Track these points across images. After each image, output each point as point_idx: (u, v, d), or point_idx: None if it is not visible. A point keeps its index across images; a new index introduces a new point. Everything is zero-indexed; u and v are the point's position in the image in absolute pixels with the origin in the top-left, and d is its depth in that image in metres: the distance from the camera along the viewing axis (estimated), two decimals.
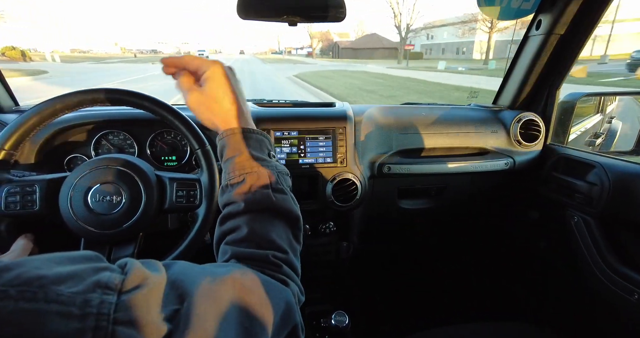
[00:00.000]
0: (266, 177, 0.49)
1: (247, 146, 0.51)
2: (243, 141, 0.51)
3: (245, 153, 0.50)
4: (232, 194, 0.48)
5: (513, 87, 1.20)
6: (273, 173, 0.50)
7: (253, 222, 0.46)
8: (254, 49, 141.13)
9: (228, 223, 0.47)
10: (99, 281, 0.25)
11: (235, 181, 0.49)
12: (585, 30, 1.00)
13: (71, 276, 0.24)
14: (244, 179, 0.48)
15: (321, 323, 1.12)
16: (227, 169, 0.51)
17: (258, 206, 0.47)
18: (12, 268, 0.23)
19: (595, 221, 0.99)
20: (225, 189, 0.50)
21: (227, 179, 0.50)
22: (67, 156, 0.92)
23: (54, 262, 0.25)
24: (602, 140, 1.70)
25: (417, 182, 1.15)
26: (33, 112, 0.65)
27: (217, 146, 0.54)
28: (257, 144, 0.52)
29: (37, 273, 0.23)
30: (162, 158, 0.98)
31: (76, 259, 0.27)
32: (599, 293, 0.98)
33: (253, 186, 0.48)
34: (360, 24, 58.67)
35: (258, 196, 0.47)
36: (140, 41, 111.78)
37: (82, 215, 0.65)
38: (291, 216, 0.49)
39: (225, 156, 0.52)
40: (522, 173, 1.16)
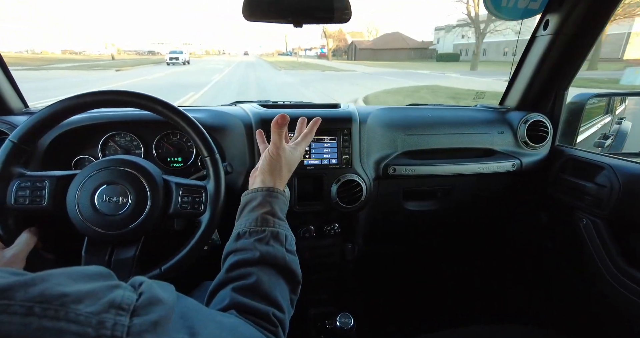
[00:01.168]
0: (283, 236, 0.53)
1: (275, 204, 0.56)
2: (273, 199, 0.56)
3: (273, 211, 0.55)
4: (250, 241, 0.51)
5: (520, 88, 1.19)
6: (288, 235, 0.54)
7: (262, 274, 0.48)
8: (258, 50, 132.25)
9: (238, 271, 0.49)
10: (113, 301, 0.26)
11: (255, 230, 0.52)
12: (594, 30, 0.99)
13: (89, 295, 0.25)
14: (265, 231, 0.52)
15: (326, 325, 1.12)
16: (250, 218, 0.54)
17: (272, 260, 0.49)
18: (37, 283, 0.24)
19: (605, 224, 0.97)
20: (242, 235, 0.52)
21: (248, 227, 0.52)
22: (75, 156, 0.93)
23: (73, 279, 0.27)
24: (611, 141, 1.67)
25: (422, 183, 1.15)
26: (48, 111, 0.66)
27: (244, 197, 0.59)
28: (283, 206, 0.58)
29: (60, 290, 0.25)
30: (168, 159, 0.98)
31: (92, 276, 0.28)
32: (607, 296, 0.96)
33: (271, 242, 0.51)
34: (371, 23, 52.53)
35: (273, 251, 0.50)
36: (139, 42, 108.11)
37: (87, 214, 0.65)
38: (295, 279, 0.52)
39: (251, 207, 0.56)
40: (529, 174, 1.15)
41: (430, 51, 48.52)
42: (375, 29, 56.88)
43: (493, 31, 24.51)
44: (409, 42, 50.20)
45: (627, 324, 0.94)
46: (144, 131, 0.96)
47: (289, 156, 0.63)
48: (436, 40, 49.72)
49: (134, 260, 0.67)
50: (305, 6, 0.79)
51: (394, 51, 48.95)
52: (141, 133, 0.96)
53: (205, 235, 0.71)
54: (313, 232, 1.09)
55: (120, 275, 0.67)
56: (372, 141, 1.04)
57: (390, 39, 50.23)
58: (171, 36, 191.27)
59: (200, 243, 0.71)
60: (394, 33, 52.03)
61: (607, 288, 0.95)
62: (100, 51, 62.86)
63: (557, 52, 1.05)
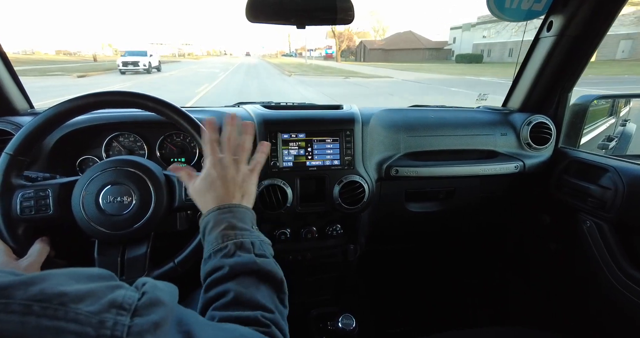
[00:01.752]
0: (249, 244, 0.52)
1: (231, 218, 0.55)
2: (227, 215, 0.55)
3: (229, 225, 0.54)
4: (217, 260, 0.50)
5: (523, 90, 1.18)
6: (255, 241, 0.53)
7: (239, 286, 0.47)
8: (261, 50, 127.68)
9: (214, 290, 0.48)
10: (114, 301, 0.26)
11: (219, 248, 0.51)
12: (598, 31, 0.98)
13: (89, 295, 0.25)
14: (227, 245, 0.51)
15: (328, 326, 1.11)
16: (210, 240, 0.53)
17: (243, 269, 0.49)
18: (36, 282, 0.24)
19: (609, 226, 0.96)
20: (208, 259, 0.52)
21: (211, 249, 0.52)
22: (79, 157, 0.93)
23: (74, 279, 0.27)
24: (615, 143, 1.66)
25: (425, 185, 1.14)
26: (42, 118, 0.66)
27: (200, 225, 0.57)
28: (241, 216, 0.56)
29: (59, 289, 0.24)
30: (171, 159, 0.99)
31: (93, 277, 0.28)
32: (610, 299, 0.96)
33: (237, 252, 0.50)
34: (378, 22, 45.65)
35: (242, 260, 0.49)
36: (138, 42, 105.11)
37: (94, 216, 0.66)
38: (276, 279, 0.51)
39: (208, 231, 0.55)
40: (532, 176, 1.14)
41: (446, 52, 44.21)
42: (383, 28, 49.41)
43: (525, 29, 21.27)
44: (423, 42, 44.80)
45: (631, 327, 0.93)
46: (147, 132, 0.97)
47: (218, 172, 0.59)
48: (452, 39, 44.01)
49: (146, 256, 0.68)
50: (309, 8, 0.80)
51: (407, 52, 43.71)
52: (145, 133, 0.97)
53: None
54: (315, 233, 1.09)
55: (135, 272, 0.68)
56: (374, 142, 1.04)
57: (402, 39, 44.71)
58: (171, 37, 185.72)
59: None
60: (407, 32, 46.24)
61: (611, 291, 0.94)
62: (95, 52, 58.63)
63: (560, 53, 1.05)
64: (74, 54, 75.52)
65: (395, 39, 45.60)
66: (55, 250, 0.69)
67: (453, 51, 42.38)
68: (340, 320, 1.08)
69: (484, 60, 36.34)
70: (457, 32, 42.21)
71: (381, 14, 59.19)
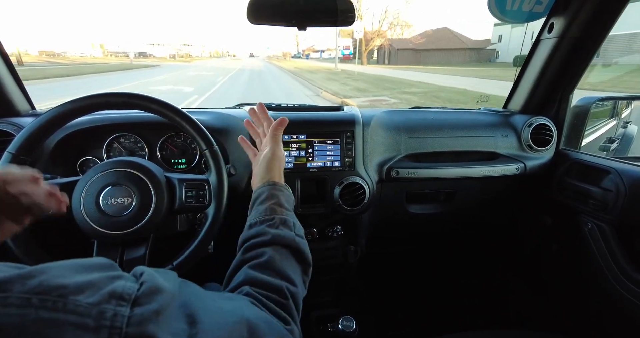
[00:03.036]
0: (291, 223, 0.58)
1: (281, 196, 0.62)
2: (279, 192, 0.62)
3: (278, 202, 0.60)
4: (262, 227, 0.55)
5: (524, 91, 1.18)
6: (296, 222, 0.59)
7: (275, 253, 0.51)
8: (266, 51, 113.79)
9: (253, 252, 0.52)
10: (114, 291, 0.26)
11: (266, 218, 0.57)
12: (599, 33, 0.98)
13: (89, 286, 0.25)
14: (274, 218, 0.56)
15: (328, 327, 1.11)
16: (259, 210, 0.59)
17: (283, 241, 0.53)
18: (35, 275, 0.24)
19: (610, 228, 0.96)
20: (253, 225, 0.57)
21: (259, 217, 0.57)
22: (79, 158, 0.93)
23: (73, 270, 0.26)
24: (617, 145, 1.66)
25: (426, 186, 1.14)
26: (44, 118, 0.67)
27: (254, 193, 0.64)
28: (287, 197, 0.63)
29: (58, 281, 0.24)
30: (172, 160, 0.99)
31: (92, 267, 0.28)
32: (612, 301, 0.95)
33: (281, 226, 0.56)
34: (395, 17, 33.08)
35: (284, 234, 0.54)
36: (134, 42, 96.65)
37: (94, 217, 0.66)
38: (306, 260, 0.56)
39: (261, 201, 0.61)
40: (533, 178, 1.14)
41: (488, 53, 35.08)
42: (404, 24, 35.28)
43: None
44: (463, 41, 35.18)
45: (633, 329, 0.92)
46: (148, 133, 0.97)
47: (281, 155, 0.70)
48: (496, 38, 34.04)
49: (144, 258, 0.68)
50: (309, 9, 0.80)
51: (442, 52, 34.65)
52: (145, 134, 0.97)
53: (212, 226, 0.72)
54: (316, 234, 1.09)
55: None
56: (375, 143, 1.04)
57: (437, 37, 34.78)
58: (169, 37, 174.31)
59: (209, 236, 0.72)
60: (442, 29, 36.29)
61: (612, 293, 0.94)
62: (84, 52, 51.53)
63: (562, 55, 1.05)
64: (59, 55, 67.19)
65: (429, 38, 35.34)
66: (54, 250, 0.69)
67: (498, 51, 34.30)
68: (341, 322, 1.08)
69: None
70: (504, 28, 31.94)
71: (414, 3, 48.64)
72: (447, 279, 1.55)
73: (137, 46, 61.79)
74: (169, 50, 72.03)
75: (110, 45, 76.25)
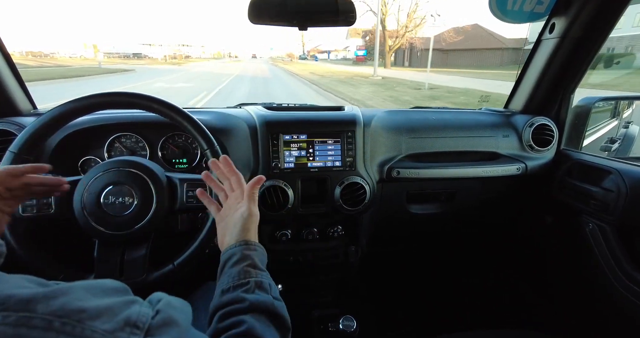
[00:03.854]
0: (267, 285, 0.54)
1: (254, 256, 0.58)
2: (252, 252, 0.58)
3: (252, 263, 0.57)
4: (237, 293, 0.52)
5: (525, 92, 1.18)
6: (272, 284, 0.56)
7: (254, 321, 0.48)
8: (269, 52, 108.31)
9: (229, 320, 0.49)
10: (129, 319, 0.27)
11: (240, 283, 0.53)
12: (601, 33, 0.98)
13: (105, 311, 0.26)
14: (250, 282, 0.53)
15: (329, 327, 1.11)
16: (232, 273, 0.55)
17: (261, 307, 0.50)
18: (58, 296, 0.26)
19: (612, 228, 0.96)
20: (226, 291, 0.53)
21: (232, 282, 0.54)
22: (81, 158, 0.94)
23: (91, 293, 0.28)
24: (618, 145, 1.66)
25: (426, 186, 1.14)
26: (47, 117, 0.67)
27: (223, 256, 0.59)
28: (261, 256, 0.60)
29: (78, 305, 0.26)
30: (173, 160, 0.99)
31: (108, 291, 0.29)
32: (613, 302, 0.95)
33: (257, 290, 0.53)
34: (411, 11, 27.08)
35: (262, 299, 0.51)
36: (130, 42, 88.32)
37: (95, 216, 0.66)
38: (285, 325, 0.52)
39: (232, 263, 0.57)
40: (534, 178, 1.14)
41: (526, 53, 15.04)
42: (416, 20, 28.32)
43: None
44: (499, 39, 28.83)
45: (634, 330, 0.92)
46: (149, 133, 0.97)
47: (257, 213, 0.65)
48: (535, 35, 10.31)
49: (145, 258, 0.68)
50: (310, 9, 0.80)
51: (477, 53, 28.78)
52: (147, 134, 0.97)
53: (214, 226, 0.72)
54: (316, 234, 1.09)
55: (134, 273, 0.68)
56: (376, 143, 1.04)
57: (470, 36, 28.46)
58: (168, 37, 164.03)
59: (210, 236, 0.71)
60: (473, 26, 29.95)
61: (613, 294, 0.94)
62: (74, 53, 44.86)
63: (563, 55, 1.05)
64: (47, 56, 59.48)
65: (460, 36, 28.54)
66: (56, 249, 0.69)
67: None
68: (341, 322, 1.08)
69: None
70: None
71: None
72: (447, 279, 1.55)
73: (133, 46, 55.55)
74: (167, 50, 64.85)
75: (104, 45, 68.63)
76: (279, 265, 1.11)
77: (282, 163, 0.95)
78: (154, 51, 61.09)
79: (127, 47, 43.71)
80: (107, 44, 76.94)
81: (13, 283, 0.26)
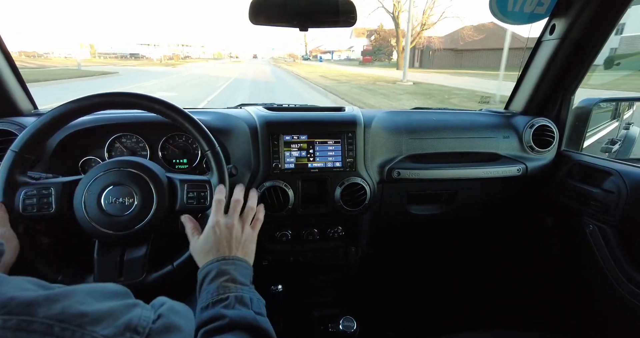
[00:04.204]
0: (248, 299, 0.53)
1: (232, 270, 0.56)
2: (229, 266, 0.57)
3: (230, 277, 0.55)
4: (216, 310, 0.50)
5: (526, 93, 1.18)
6: (254, 298, 0.54)
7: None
8: (271, 52, 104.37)
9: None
10: (129, 323, 0.27)
11: (219, 298, 0.52)
12: (601, 34, 0.98)
13: (106, 315, 0.26)
14: (229, 297, 0.51)
15: (329, 328, 1.11)
16: (210, 290, 0.53)
17: (242, 323, 0.48)
18: (60, 299, 0.25)
19: (612, 230, 0.96)
20: (206, 308, 0.51)
21: (211, 298, 0.52)
22: (81, 158, 0.94)
23: (92, 297, 0.28)
24: (619, 147, 1.66)
25: (427, 187, 1.14)
26: (48, 117, 0.67)
27: (199, 275, 0.58)
28: (241, 270, 0.58)
29: (79, 309, 0.25)
30: (173, 160, 0.99)
31: (109, 294, 0.29)
32: (613, 303, 0.95)
33: (237, 305, 0.51)
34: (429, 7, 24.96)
35: (243, 314, 0.50)
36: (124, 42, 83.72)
37: (95, 216, 0.66)
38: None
39: (209, 281, 0.55)
40: (535, 179, 1.14)
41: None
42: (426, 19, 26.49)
43: None
44: (519, 39, 12.65)
45: (634, 331, 0.92)
46: (150, 133, 0.97)
47: (235, 225, 0.65)
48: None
49: (145, 258, 0.68)
50: (311, 10, 0.80)
51: (494, 53, 22.86)
52: (147, 134, 0.97)
53: None
54: (317, 235, 1.09)
55: (133, 274, 0.68)
56: (376, 144, 1.04)
57: (487, 35, 25.60)
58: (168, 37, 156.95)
59: None
60: (489, 25, 25.81)
61: (614, 296, 0.94)
62: (69, 54, 41.24)
63: (563, 56, 1.05)
64: (41, 56, 57.35)
65: (487, 32, 25.50)
66: (55, 249, 0.69)
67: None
68: (342, 322, 1.08)
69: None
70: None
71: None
72: (448, 279, 1.55)
73: (132, 46, 52.98)
74: (165, 51, 61.01)
75: (102, 45, 64.88)
76: (279, 265, 1.11)
77: (283, 163, 0.95)
78: (152, 51, 57.17)
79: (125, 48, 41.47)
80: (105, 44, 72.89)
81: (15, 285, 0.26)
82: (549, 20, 1.05)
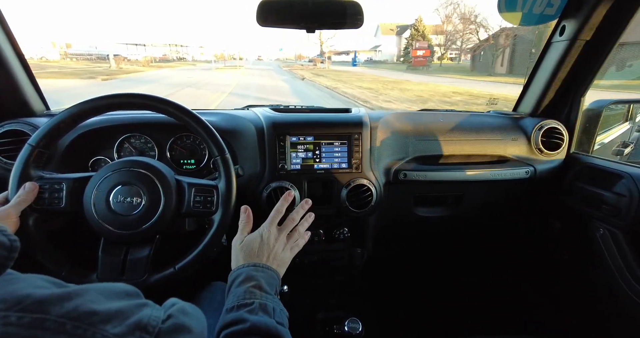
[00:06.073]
0: (271, 308, 0.54)
1: (261, 278, 0.59)
2: (260, 273, 0.60)
3: (258, 284, 0.57)
4: (240, 313, 0.52)
5: (535, 94, 1.17)
6: (277, 307, 0.56)
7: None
8: (278, 53, 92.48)
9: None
10: (139, 322, 0.27)
11: (244, 302, 0.54)
12: (612, 35, 0.97)
13: (117, 314, 0.27)
14: (254, 303, 0.53)
15: (334, 329, 1.11)
16: (237, 293, 0.56)
17: (263, 330, 0.50)
18: (72, 297, 0.26)
19: (624, 234, 0.94)
20: (231, 310, 0.54)
21: (237, 301, 0.54)
22: (91, 158, 0.95)
23: (104, 295, 0.28)
24: (631, 149, 1.63)
25: (433, 189, 1.14)
26: (65, 114, 0.69)
27: (230, 276, 0.61)
28: (270, 279, 0.60)
29: (91, 307, 0.26)
30: (181, 161, 1.00)
31: (120, 294, 0.30)
32: (624, 309, 0.93)
33: (260, 312, 0.53)
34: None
35: (265, 321, 0.51)
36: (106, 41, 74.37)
37: (103, 214, 0.67)
38: None
39: (238, 283, 0.58)
40: (543, 182, 1.12)
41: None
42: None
43: None
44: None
45: None
46: (158, 134, 0.98)
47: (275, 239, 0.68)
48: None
49: (148, 259, 0.69)
50: (318, 12, 0.80)
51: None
52: (155, 135, 0.98)
53: (217, 233, 0.72)
54: (322, 236, 1.09)
55: (135, 274, 0.69)
56: (382, 145, 1.04)
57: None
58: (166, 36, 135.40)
59: (213, 242, 0.72)
60: None
61: (624, 301, 0.92)
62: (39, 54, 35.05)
63: (573, 58, 1.04)
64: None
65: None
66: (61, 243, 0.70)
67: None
68: (347, 324, 1.07)
69: None
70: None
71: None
72: (453, 282, 1.54)
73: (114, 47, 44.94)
74: (154, 51, 54.35)
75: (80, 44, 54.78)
76: None
77: (289, 164, 0.96)
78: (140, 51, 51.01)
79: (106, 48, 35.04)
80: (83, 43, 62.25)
81: (30, 282, 0.27)
82: (558, 21, 1.04)
